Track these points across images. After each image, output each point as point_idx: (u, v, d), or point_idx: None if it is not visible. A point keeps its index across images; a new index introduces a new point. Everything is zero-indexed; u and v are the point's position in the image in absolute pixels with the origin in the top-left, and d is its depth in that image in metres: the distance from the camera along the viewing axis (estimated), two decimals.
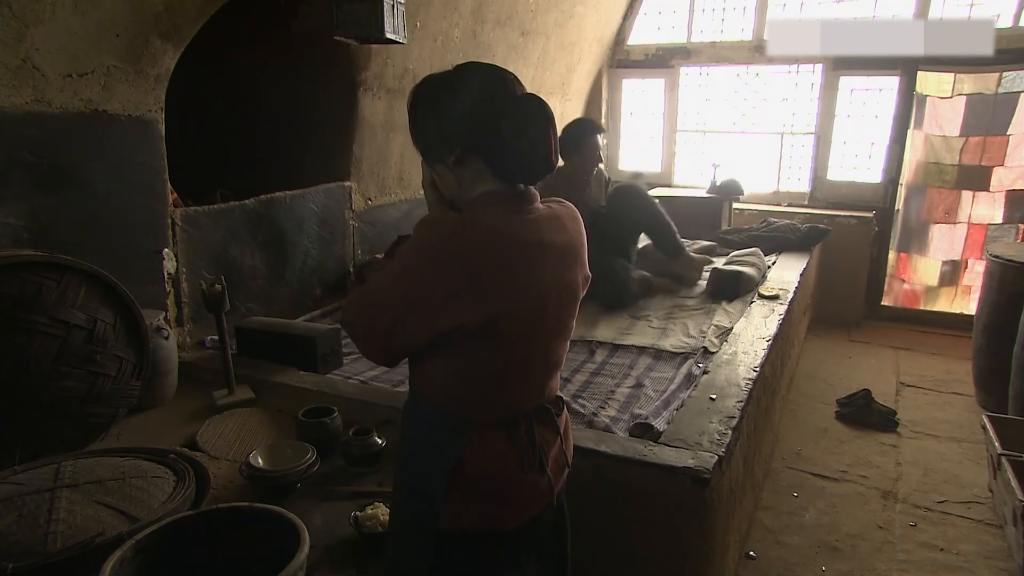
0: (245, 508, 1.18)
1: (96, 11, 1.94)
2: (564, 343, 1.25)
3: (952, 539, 2.51)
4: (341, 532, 1.47)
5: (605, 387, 2.33)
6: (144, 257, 2.30)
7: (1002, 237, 4.51)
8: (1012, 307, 3.19)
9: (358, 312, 1.16)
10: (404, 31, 2.68)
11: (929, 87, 4.56)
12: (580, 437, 1.77)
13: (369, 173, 3.43)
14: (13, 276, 1.61)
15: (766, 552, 2.43)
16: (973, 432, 3.20)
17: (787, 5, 5.09)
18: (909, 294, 4.96)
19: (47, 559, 1.15)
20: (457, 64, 1.16)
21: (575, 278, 1.22)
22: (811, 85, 5.12)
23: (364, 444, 1.75)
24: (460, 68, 1.15)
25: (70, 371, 1.70)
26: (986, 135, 4.44)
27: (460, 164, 1.13)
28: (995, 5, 4.53)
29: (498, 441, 1.15)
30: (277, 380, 2.24)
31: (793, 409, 3.57)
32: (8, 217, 1.89)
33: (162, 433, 1.97)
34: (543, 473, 1.19)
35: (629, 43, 5.62)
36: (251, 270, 2.79)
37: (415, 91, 1.17)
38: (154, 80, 2.23)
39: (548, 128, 1.11)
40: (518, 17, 4.06)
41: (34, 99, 1.89)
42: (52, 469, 1.38)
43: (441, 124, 1.13)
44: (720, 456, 1.71)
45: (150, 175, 2.28)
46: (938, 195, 4.67)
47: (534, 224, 1.13)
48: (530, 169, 1.13)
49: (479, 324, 1.07)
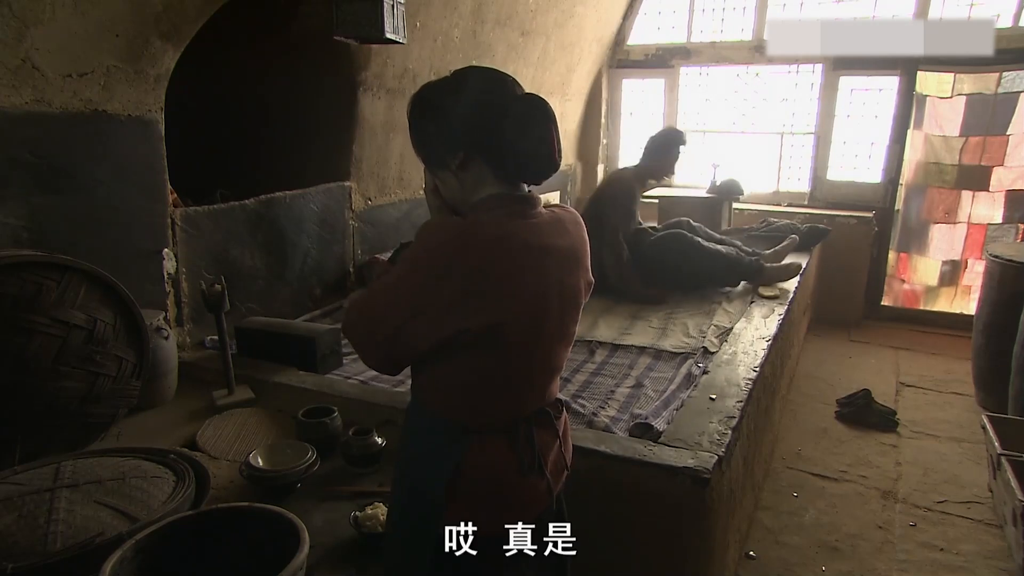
0: (245, 508, 1.18)
1: (96, 11, 1.94)
2: (566, 348, 1.25)
3: (952, 539, 2.51)
4: (341, 532, 1.47)
5: (605, 387, 2.33)
6: (144, 257, 2.30)
7: (1002, 237, 4.51)
8: (1012, 307, 3.19)
9: (359, 319, 1.14)
10: (404, 31, 2.68)
11: (929, 87, 4.56)
12: (580, 437, 1.77)
13: (369, 173, 3.43)
14: (13, 276, 1.61)
15: (766, 552, 2.43)
16: (973, 432, 3.20)
17: (787, 5, 5.09)
18: (909, 294, 4.96)
19: (47, 559, 1.15)
20: (455, 69, 1.15)
21: (577, 283, 1.21)
22: (811, 85, 5.13)
23: (364, 444, 1.75)
24: (458, 73, 1.14)
25: (70, 371, 1.70)
26: (986, 135, 4.44)
27: (463, 168, 1.12)
28: (995, 5, 4.53)
29: (498, 446, 1.15)
30: (277, 380, 2.23)
31: (793, 409, 3.56)
32: (8, 217, 1.89)
33: (162, 433, 1.97)
34: (542, 476, 1.19)
35: (629, 43, 5.62)
36: (251, 270, 2.78)
37: (415, 99, 1.16)
38: (154, 80, 2.23)
39: (550, 127, 1.10)
40: (518, 17, 4.06)
41: (34, 99, 1.89)
42: (52, 469, 1.38)
43: (443, 129, 1.12)
44: (720, 456, 1.71)
45: (150, 175, 2.28)
46: (938, 195, 4.67)
47: (537, 228, 1.12)
48: (533, 169, 1.12)
49: (481, 329, 1.06)
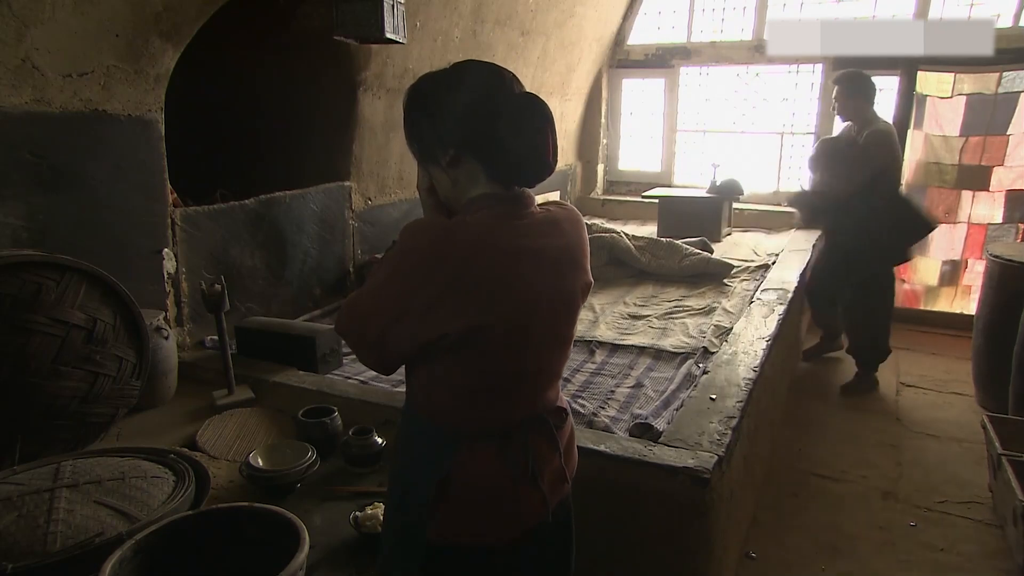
0: (245, 508, 1.18)
1: (96, 11, 1.94)
2: (561, 352, 1.20)
3: (952, 539, 2.50)
4: (341, 532, 1.47)
5: (605, 387, 2.33)
6: (144, 257, 2.30)
7: (1002, 237, 4.50)
8: (1012, 307, 3.19)
9: (349, 321, 1.13)
10: (404, 31, 2.68)
11: (929, 87, 4.56)
12: (580, 437, 1.75)
13: (369, 173, 3.43)
14: (13, 276, 1.61)
15: (766, 552, 2.43)
16: (973, 432, 3.19)
17: (787, 5, 5.09)
18: (909, 294, 4.95)
19: (46, 559, 1.15)
20: (455, 62, 1.12)
21: (572, 286, 1.16)
22: (811, 85, 5.13)
23: (364, 444, 1.75)
24: (457, 66, 1.11)
25: (70, 371, 1.70)
26: (986, 135, 4.43)
27: (454, 165, 1.08)
28: (995, 5, 4.53)
29: (488, 453, 1.11)
30: (277, 380, 2.23)
31: (793, 409, 3.56)
32: (8, 217, 1.89)
33: (162, 433, 1.97)
34: (536, 487, 1.13)
35: (629, 43, 5.62)
36: (251, 270, 2.78)
37: (411, 90, 1.13)
38: (154, 80, 2.23)
39: (546, 128, 1.06)
40: (518, 17, 4.06)
41: (34, 99, 1.89)
42: (52, 469, 1.38)
43: (436, 123, 1.08)
44: (720, 456, 1.71)
45: (150, 175, 2.28)
46: (938, 195, 4.67)
47: (527, 229, 1.08)
48: (526, 171, 1.08)
49: (462, 333, 1.03)
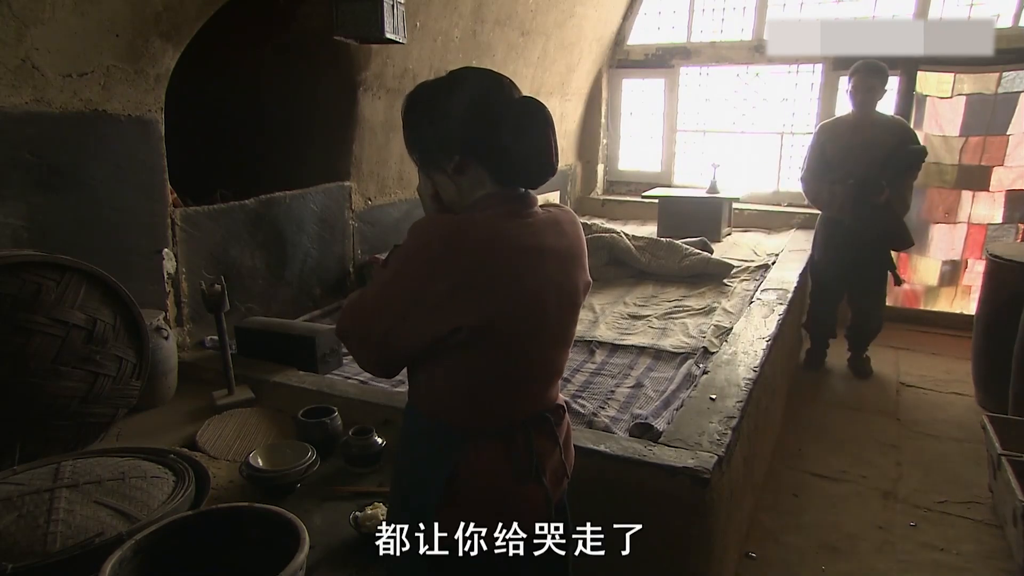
0: (245, 508, 1.18)
1: (96, 11, 1.94)
2: (564, 350, 1.22)
3: (952, 539, 2.50)
4: (341, 532, 1.47)
5: (605, 387, 2.33)
6: (144, 257, 2.30)
7: (1002, 237, 4.50)
8: (1012, 307, 3.19)
9: (352, 322, 1.12)
10: (404, 31, 2.68)
11: (929, 87, 4.56)
12: (580, 437, 1.77)
13: (369, 173, 3.43)
14: (13, 276, 1.61)
15: (766, 552, 2.43)
16: (973, 432, 3.19)
17: (787, 5, 5.09)
18: (909, 294, 4.95)
19: (46, 559, 1.15)
20: (451, 70, 1.13)
21: (575, 284, 1.18)
22: (811, 85, 5.12)
23: (364, 444, 1.75)
24: (454, 73, 1.12)
25: (70, 371, 1.70)
26: (986, 135, 4.43)
27: (460, 171, 1.10)
28: (995, 5, 4.53)
29: (494, 452, 1.12)
30: (277, 380, 2.23)
31: (793, 409, 3.56)
32: (8, 217, 1.89)
33: (162, 433, 1.97)
34: (540, 484, 1.15)
35: (629, 43, 5.62)
36: (251, 270, 2.78)
37: (409, 98, 1.14)
38: (154, 80, 2.23)
39: (547, 130, 1.09)
40: (518, 17, 4.06)
41: (34, 99, 1.89)
42: (52, 469, 1.38)
43: (439, 131, 1.10)
44: (720, 456, 1.71)
45: (150, 175, 2.28)
46: (938, 195, 4.66)
47: (533, 228, 1.10)
48: (531, 172, 1.10)
49: (475, 327, 1.04)
